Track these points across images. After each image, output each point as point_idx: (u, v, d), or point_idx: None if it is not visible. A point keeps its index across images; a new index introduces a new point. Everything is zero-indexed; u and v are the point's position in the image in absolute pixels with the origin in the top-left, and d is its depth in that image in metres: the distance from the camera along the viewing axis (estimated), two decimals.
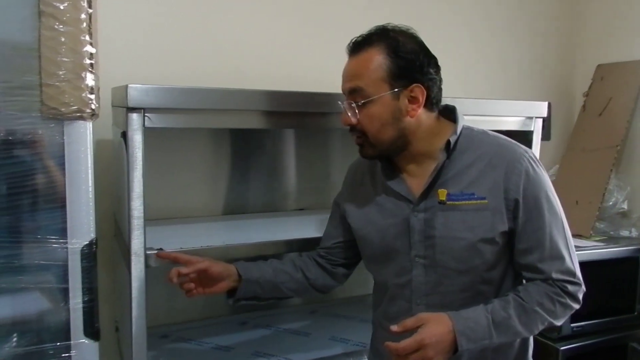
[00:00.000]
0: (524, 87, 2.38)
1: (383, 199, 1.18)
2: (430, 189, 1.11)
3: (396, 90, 1.07)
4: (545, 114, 1.66)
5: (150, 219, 1.58)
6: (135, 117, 1.13)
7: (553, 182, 2.41)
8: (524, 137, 1.63)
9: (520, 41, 2.35)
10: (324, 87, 1.40)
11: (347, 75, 1.12)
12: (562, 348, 1.93)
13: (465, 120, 1.16)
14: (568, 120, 2.51)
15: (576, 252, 1.11)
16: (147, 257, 1.20)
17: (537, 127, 1.65)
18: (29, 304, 1.09)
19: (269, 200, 1.83)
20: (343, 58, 1.14)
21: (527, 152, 1.12)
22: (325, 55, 1.85)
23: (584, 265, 1.13)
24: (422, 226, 1.11)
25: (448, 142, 1.10)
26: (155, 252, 1.22)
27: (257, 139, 1.81)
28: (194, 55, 1.71)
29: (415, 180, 1.14)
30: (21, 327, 1.09)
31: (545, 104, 1.66)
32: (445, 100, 1.43)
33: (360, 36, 1.11)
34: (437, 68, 1.12)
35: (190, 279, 1.16)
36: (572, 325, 1.94)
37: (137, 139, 1.15)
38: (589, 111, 2.39)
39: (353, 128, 1.12)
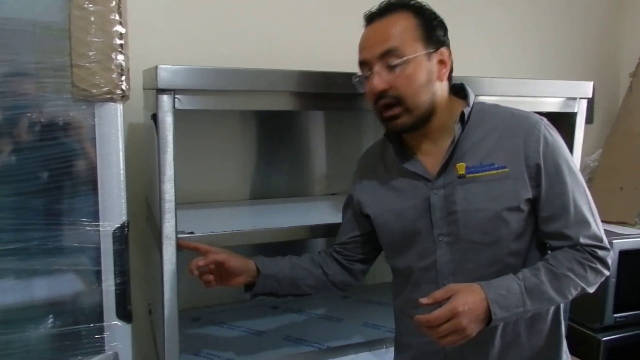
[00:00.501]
0: (564, 67, 2.28)
1: (399, 182, 1.15)
2: (447, 165, 1.09)
3: (429, 51, 1.06)
4: (590, 95, 1.58)
5: (179, 203, 1.60)
6: (165, 98, 1.12)
7: (595, 167, 2.32)
8: (566, 119, 1.55)
9: (561, 18, 2.24)
10: (355, 67, 1.36)
11: (376, 39, 1.06)
12: (604, 339, 1.86)
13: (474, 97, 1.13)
14: (611, 103, 2.40)
15: (620, 240, 1.06)
16: (178, 240, 1.19)
17: (581, 109, 1.57)
18: (63, 285, 1.09)
19: (298, 185, 1.81)
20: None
21: (542, 119, 1.09)
22: (356, 34, 1.81)
23: (628, 254, 1.08)
24: (442, 203, 1.09)
25: (462, 114, 1.08)
26: (187, 235, 1.21)
27: (286, 121, 1.78)
28: (225, 36, 1.69)
29: (429, 159, 1.12)
30: (55, 308, 1.10)
31: (590, 84, 1.58)
32: (483, 81, 1.37)
33: (378, 5, 1.09)
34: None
35: (209, 270, 1.16)
36: (614, 315, 1.86)
37: (167, 121, 1.13)
38: (636, 92, 2.27)
39: (384, 95, 1.06)
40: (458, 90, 1.14)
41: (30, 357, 1.09)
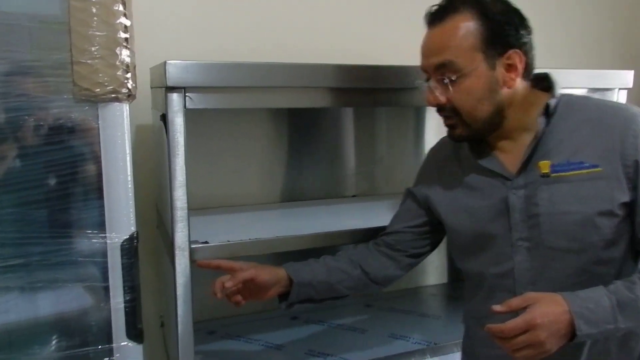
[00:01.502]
0: (602, 56, 2.15)
1: (473, 180, 1.06)
2: (528, 162, 0.99)
3: (491, 58, 0.95)
4: (630, 85, 1.47)
5: (198, 208, 1.52)
6: (175, 97, 1.02)
7: None
8: None
9: (600, 3, 2.12)
10: (374, 60, 1.26)
11: (432, 49, 0.99)
12: None
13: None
14: None
15: None
16: (192, 251, 1.10)
17: (620, 100, 1.47)
18: (68, 304, 1.00)
19: (328, 186, 1.71)
20: (398, 27, 1.00)
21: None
22: (378, 25, 1.72)
23: None
24: (523, 204, 0.99)
25: (547, 106, 0.98)
26: (201, 245, 1.12)
27: (315, 119, 1.68)
28: (238, 30, 1.58)
29: (508, 156, 1.02)
30: (60, 328, 1.02)
31: (631, 73, 1.47)
32: None
33: (439, 4, 0.99)
34: (530, 30, 0.99)
35: (237, 289, 1.07)
36: None
37: (178, 121, 1.04)
38: None
39: (442, 108, 1.00)
40: (541, 81, 1.03)
41: None
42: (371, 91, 1.24)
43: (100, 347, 1.01)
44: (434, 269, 1.93)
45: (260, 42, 1.60)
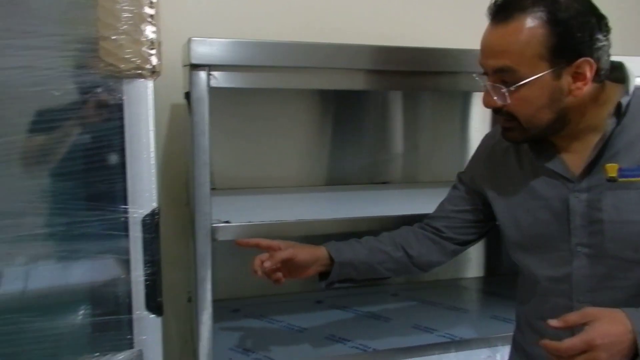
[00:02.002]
0: None
1: (532, 179, 0.99)
2: (594, 165, 0.92)
3: (558, 67, 0.87)
4: None
5: (237, 188, 1.54)
6: (198, 75, 1.02)
7: None
8: None
9: None
10: (415, 43, 1.21)
11: (491, 50, 0.90)
12: None
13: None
14: None
15: None
16: (213, 230, 1.10)
17: None
18: (90, 274, 1.03)
19: (370, 172, 1.68)
20: (441, 8, 0.95)
21: None
22: (416, 5, 1.66)
23: None
24: (585, 208, 0.92)
25: (619, 105, 0.90)
26: (223, 224, 1.12)
27: (361, 102, 1.65)
28: (273, 9, 1.57)
29: (573, 156, 0.95)
30: (82, 297, 1.05)
31: None
32: None
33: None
34: (608, 31, 0.89)
35: (277, 267, 1.07)
36: None
37: (202, 100, 1.04)
38: None
39: (498, 110, 0.93)
40: (613, 69, 0.94)
41: (57, 346, 1.04)
42: (410, 74, 1.19)
43: (120, 316, 1.04)
44: (469, 261, 1.88)
45: (302, 23, 1.57)
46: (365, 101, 1.65)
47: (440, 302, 1.60)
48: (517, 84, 0.87)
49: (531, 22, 0.85)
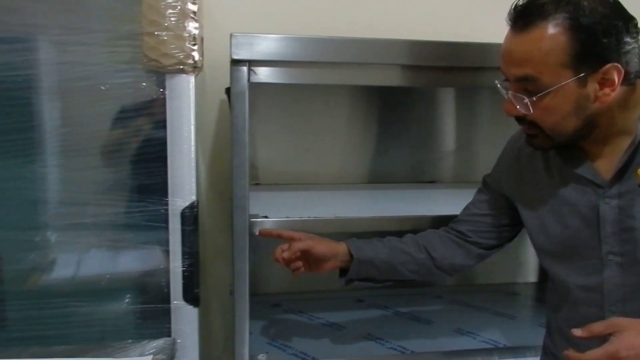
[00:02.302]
0: None
1: (561, 185, 0.95)
2: (625, 170, 0.87)
3: (583, 75, 0.82)
4: None
5: (282, 184, 1.54)
6: (239, 70, 1.03)
7: None
8: None
9: None
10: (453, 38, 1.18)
11: (512, 58, 0.86)
12: None
13: None
14: None
15: None
16: (250, 224, 1.11)
17: None
18: (131, 263, 1.07)
19: (415, 170, 1.64)
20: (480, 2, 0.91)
21: None
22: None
23: None
24: (616, 216, 0.88)
25: None
26: (260, 220, 1.13)
27: (409, 98, 1.61)
28: (321, 4, 1.56)
29: (602, 161, 0.91)
30: (125, 285, 1.09)
31: None
32: None
33: (526, 2, 0.85)
34: (637, 32, 0.84)
35: (296, 257, 1.07)
36: None
37: (241, 96, 1.04)
38: None
39: (521, 119, 0.90)
40: None
41: (102, 330, 1.08)
42: (448, 70, 1.15)
43: (159, 305, 1.07)
44: (521, 266, 1.80)
45: (344, 18, 1.56)
46: (413, 97, 1.61)
47: (487, 307, 1.55)
48: (540, 94, 0.83)
49: (553, 29, 0.81)
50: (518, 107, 0.87)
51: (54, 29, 0.93)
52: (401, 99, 1.61)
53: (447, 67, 1.15)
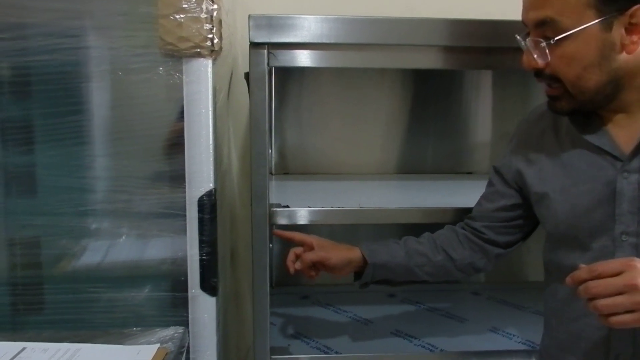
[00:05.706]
0: None
1: (573, 158, 0.89)
2: None
3: (607, 17, 0.76)
4: None
5: (310, 173, 1.51)
6: (257, 53, 0.99)
7: None
8: None
9: None
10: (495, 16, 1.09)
11: (532, 1, 0.82)
12: None
13: None
14: None
15: None
16: (270, 213, 1.08)
17: None
18: (148, 251, 1.06)
19: (452, 161, 1.58)
20: None
21: None
22: None
23: None
24: (635, 192, 0.82)
25: None
26: (281, 209, 1.10)
27: (442, 83, 1.54)
28: None
29: (622, 131, 0.84)
30: (145, 272, 1.08)
31: None
32: None
33: None
34: None
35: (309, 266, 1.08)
36: None
37: (260, 80, 1.01)
38: None
39: (540, 72, 0.84)
40: None
41: (124, 317, 1.08)
42: (489, 51, 1.07)
43: (176, 294, 1.06)
44: None
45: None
46: (447, 84, 1.54)
47: (526, 306, 1.46)
48: (560, 37, 0.77)
49: None
50: (536, 56, 0.81)
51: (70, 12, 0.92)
52: (435, 86, 1.54)
53: (488, 48, 1.07)
